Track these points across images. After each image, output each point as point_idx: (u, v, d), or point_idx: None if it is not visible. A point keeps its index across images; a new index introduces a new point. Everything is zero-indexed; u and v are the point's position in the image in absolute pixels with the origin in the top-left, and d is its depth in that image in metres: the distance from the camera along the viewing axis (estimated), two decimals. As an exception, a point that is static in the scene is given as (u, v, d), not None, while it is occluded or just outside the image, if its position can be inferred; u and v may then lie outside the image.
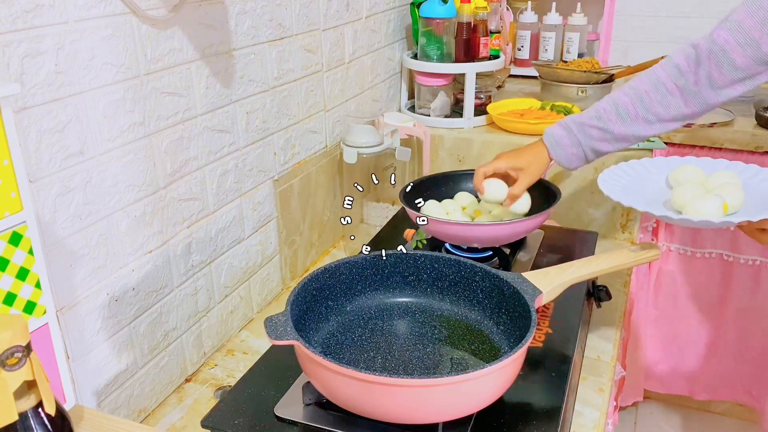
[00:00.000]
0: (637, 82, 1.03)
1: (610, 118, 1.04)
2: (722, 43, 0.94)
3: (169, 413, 0.94)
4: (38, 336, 0.65)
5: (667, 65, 1.01)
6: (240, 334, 1.13)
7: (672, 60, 1.00)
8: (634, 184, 1.00)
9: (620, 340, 1.11)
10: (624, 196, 0.93)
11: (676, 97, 1.00)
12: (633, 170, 1.03)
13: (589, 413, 0.91)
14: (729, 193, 0.92)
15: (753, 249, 1.67)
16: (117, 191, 0.83)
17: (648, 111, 1.01)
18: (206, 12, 0.94)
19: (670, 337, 1.86)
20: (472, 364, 0.83)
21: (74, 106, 0.75)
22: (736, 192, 0.92)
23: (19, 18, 0.67)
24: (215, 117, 0.99)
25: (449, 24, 1.61)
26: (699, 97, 0.99)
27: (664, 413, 2.11)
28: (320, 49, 1.27)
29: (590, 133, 1.06)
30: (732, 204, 0.90)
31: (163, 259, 0.93)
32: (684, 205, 0.92)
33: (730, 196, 0.91)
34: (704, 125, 1.63)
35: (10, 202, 0.60)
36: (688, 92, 0.99)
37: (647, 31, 2.11)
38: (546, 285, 0.85)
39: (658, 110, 1.01)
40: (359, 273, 0.93)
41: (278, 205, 1.19)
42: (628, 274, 1.29)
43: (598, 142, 1.06)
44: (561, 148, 1.08)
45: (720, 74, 0.96)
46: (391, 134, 1.39)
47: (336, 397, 0.73)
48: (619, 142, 1.05)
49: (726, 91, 0.97)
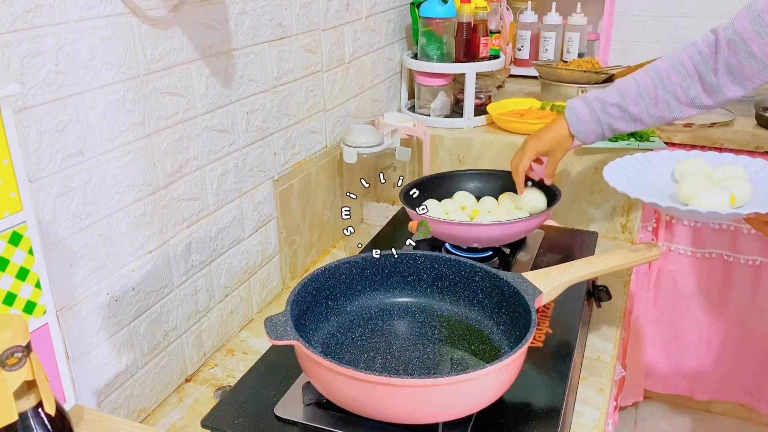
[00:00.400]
0: (659, 63, 1.05)
1: (630, 96, 1.06)
2: (741, 30, 0.96)
3: (169, 413, 0.94)
4: (38, 336, 0.65)
5: (689, 49, 1.03)
6: (240, 334, 1.13)
7: (695, 45, 1.02)
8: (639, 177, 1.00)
9: (620, 340, 1.11)
10: (630, 188, 0.93)
11: (695, 81, 1.01)
12: (639, 163, 1.03)
13: (589, 413, 0.91)
14: (736, 185, 0.91)
15: (753, 249, 1.67)
16: (117, 191, 0.83)
17: (667, 91, 1.03)
18: (206, 12, 0.94)
19: (670, 337, 1.86)
20: (472, 364, 0.83)
21: (74, 106, 0.75)
22: (743, 185, 0.92)
23: (19, 18, 0.67)
24: (215, 117, 0.99)
25: (449, 24, 1.61)
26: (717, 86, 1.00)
27: (664, 413, 2.11)
28: (320, 49, 1.27)
29: (609, 111, 1.08)
30: (739, 197, 0.90)
31: (163, 259, 0.93)
32: (690, 197, 0.91)
33: (737, 189, 0.91)
34: (704, 125, 1.63)
35: (10, 202, 0.60)
36: (707, 80, 1.00)
37: (647, 31, 2.11)
38: (546, 285, 0.85)
39: (677, 91, 1.03)
40: (359, 273, 0.93)
41: (278, 205, 1.19)
42: (628, 274, 1.29)
43: (617, 120, 1.08)
44: (581, 123, 1.10)
45: (738, 62, 0.97)
46: (391, 134, 1.39)
47: (336, 397, 0.73)
48: (635, 122, 1.07)
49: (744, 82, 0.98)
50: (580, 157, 1.45)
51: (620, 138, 1.50)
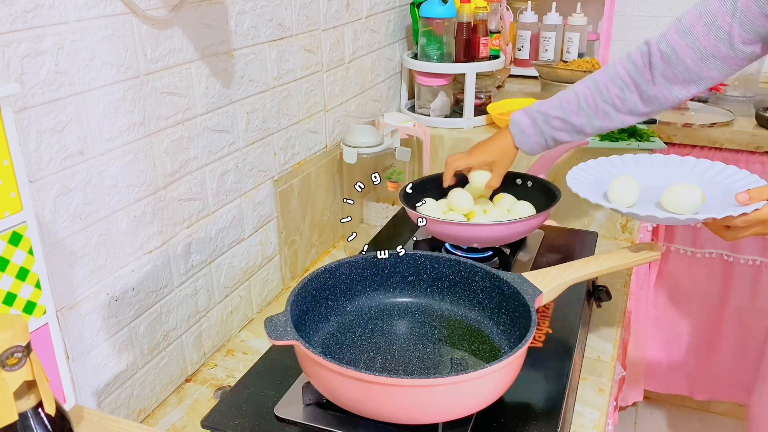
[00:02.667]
0: (597, 75, 1.08)
1: (571, 109, 1.08)
2: (674, 44, 0.99)
3: (169, 413, 0.94)
4: (38, 336, 0.65)
5: (624, 61, 1.05)
6: (240, 334, 1.13)
7: (629, 57, 1.05)
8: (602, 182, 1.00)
9: (620, 340, 1.11)
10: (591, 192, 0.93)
11: (632, 91, 1.04)
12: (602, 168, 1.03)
13: (589, 413, 0.91)
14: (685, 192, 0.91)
15: (753, 249, 1.68)
16: (117, 191, 0.83)
17: (606, 102, 1.05)
18: (206, 12, 0.94)
19: (670, 337, 1.86)
20: (472, 364, 0.83)
21: (74, 106, 0.75)
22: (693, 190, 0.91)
23: (19, 18, 0.67)
24: (215, 117, 0.99)
25: (449, 24, 1.61)
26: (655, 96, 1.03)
27: (664, 413, 2.11)
28: (320, 49, 1.27)
29: (552, 123, 1.10)
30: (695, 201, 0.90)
31: (163, 259, 0.93)
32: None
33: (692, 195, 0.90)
34: (704, 125, 1.63)
35: (10, 202, 0.60)
36: (645, 90, 1.03)
37: (647, 31, 2.10)
38: (546, 285, 0.85)
39: (616, 102, 1.05)
40: (359, 273, 0.93)
41: (278, 205, 1.19)
42: (628, 274, 1.29)
43: (559, 131, 1.10)
44: (525, 136, 1.12)
45: (673, 74, 1.00)
46: (391, 134, 1.39)
47: (336, 397, 0.73)
48: (578, 133, 1.10)
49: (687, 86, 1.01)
50: (580, 157, 1.45)
51: (620, 138, 1.50)
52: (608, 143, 1.48)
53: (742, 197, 0.84)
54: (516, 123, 1.13)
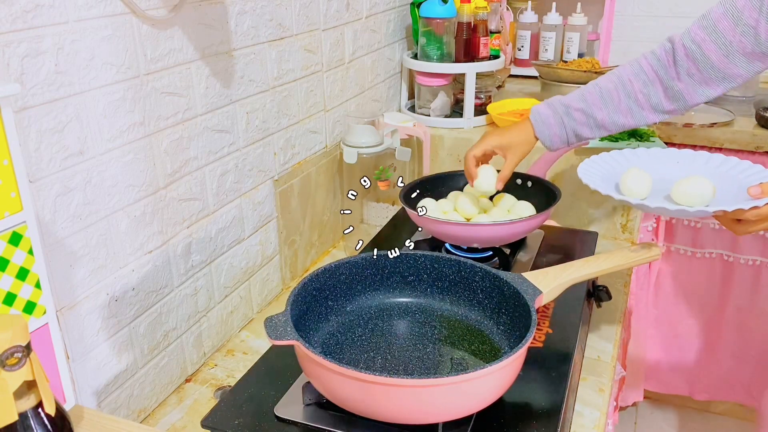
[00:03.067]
0: (620, 70, 1.06)
1: (594, 102, 1.06)
2: (699, 40, 0.98)
3: (169, 413, 0.94)
4: (38, 336, 0.65)
5: (649, 56, 1.04)
6: (240, 334, 1.13)
7: (653, 53, 1.04)
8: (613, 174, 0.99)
9: (620, 340, 1.11)
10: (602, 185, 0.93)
11: (657, 86, 1.03)
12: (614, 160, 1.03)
13: (589, 413, 0.91)
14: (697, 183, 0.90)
15: (753, 249, 1.68)
16: (117, 191, 0.83)
17: (629, 97, 1.04)
18: (206, 12, 0.94)
19: (670, 337, 1.86)
20: (472, 364, 0.83)
21: (74, 106, 0.75)
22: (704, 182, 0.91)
23: (19, 18, 0.67)
24: (215, 117, 0.99)
25: (449, 24, 1.61)
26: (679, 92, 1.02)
27: (664, 413, 2.11)
28: (320, 49, 1.27)
29: (574, 116, 1.08)
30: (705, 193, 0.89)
31: (163, 259, 0.93)
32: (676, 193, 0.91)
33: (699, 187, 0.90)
34: (704, 125, 1.63)
35: (10, 202, 0.60)
36: (669, 86, 1.02)
37: (647, 31, 2.11)
38: (546, 285, 0.85)
39: (639, 97, 1.04)
40: (359, 273, 0.93)
41: (278, 205, 1.19)
42: (628, 274, 1.29)
43: (581, 125, 1.08)
44: (546, 127, 1.10)
45: (698, 71, 0.99)
46: (391, 134, 1.39)
47: (336, 397, 0.73)
48: (600, 129, 1.08)
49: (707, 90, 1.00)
50: (580, 157, 1.45)
51: (620, 138, 1.50)
52: (609, 143, 1.48)
53: (755, 191, 0.84)
54: (537, 112, 1.10)
